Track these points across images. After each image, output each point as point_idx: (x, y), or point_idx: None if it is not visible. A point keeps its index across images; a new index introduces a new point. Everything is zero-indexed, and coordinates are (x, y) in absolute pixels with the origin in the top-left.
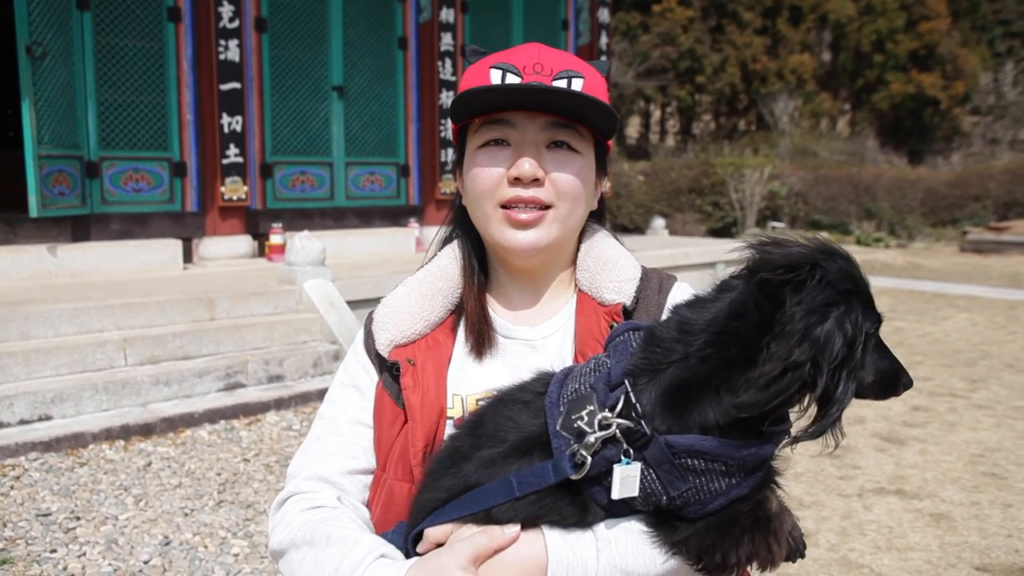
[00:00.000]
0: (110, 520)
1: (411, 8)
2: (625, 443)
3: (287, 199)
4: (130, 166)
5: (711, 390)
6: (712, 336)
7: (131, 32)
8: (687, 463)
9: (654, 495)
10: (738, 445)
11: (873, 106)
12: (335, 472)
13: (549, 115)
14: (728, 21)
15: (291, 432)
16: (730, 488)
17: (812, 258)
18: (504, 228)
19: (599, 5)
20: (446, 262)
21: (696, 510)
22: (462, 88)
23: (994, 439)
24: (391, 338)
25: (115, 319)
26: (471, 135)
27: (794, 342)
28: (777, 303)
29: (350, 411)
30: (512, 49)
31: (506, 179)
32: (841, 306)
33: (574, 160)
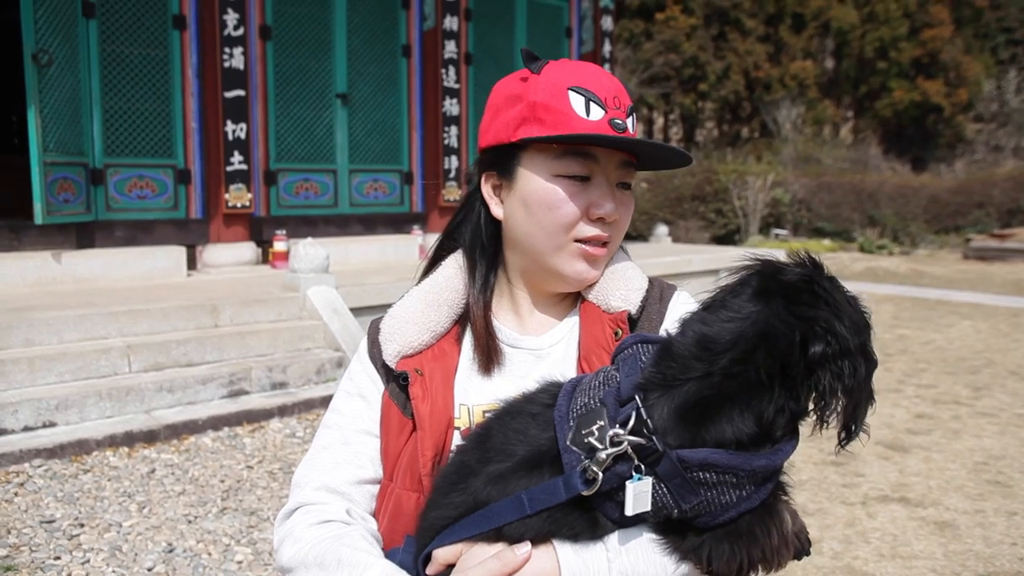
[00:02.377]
0: (114, 527)
1: (415, 16)
2: (637, 459)
3: (291, 206)
4: (135, 173)
5: (733, 408)
6: (741, 353)
7: (136, 40)
8: (699, 476)
9: (665, 508)
10: (750, 456)
11: (876, 113)
12: (343, 482)
13: (624, 154)
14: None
15: (295, 439)
16: (741, 500)
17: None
18: (575, 262)
19: (602, 13)
20: (451, 272)
21: (707, 521)
22: (535, 104)
23: (998, 447)
24: (398, 349)
25: (119, 326)
26: (543, 158)
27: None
28: (806, 321)
29: (357, 421)
30: (578, 68)
31: (586, 216)
32: (863, 315)
33: (631, 200)
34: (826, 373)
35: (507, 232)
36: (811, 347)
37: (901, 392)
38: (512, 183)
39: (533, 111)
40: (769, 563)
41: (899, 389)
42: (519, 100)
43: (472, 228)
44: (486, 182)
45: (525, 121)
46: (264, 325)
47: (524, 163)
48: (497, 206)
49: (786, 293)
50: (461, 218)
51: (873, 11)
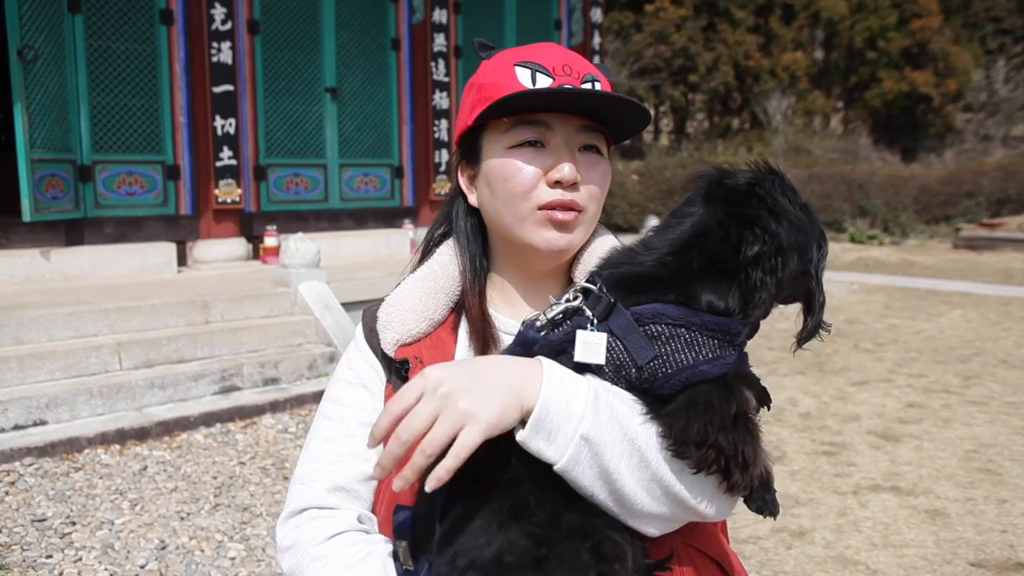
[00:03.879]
0: (106, 525)
1: (404, 9)
2: (589, 312)
3: (281, 201)
4: (123, 169)
5: (665, 288)
6: (672, 248)
7: (123, 35)
8: (652, 330)
9: (624, 368)
10: (700, 313)
11: (866, 103)
12: (351, 479)
13: (582, 118)
14: (720, 19)
15: (287, 435)
16: (697, 363)
17: (770, 182)
18: (542, 230)
19: (592, 5)
20: (446, 259)
21: (664, 384)
22: (483, 84)
23: (988, 435)
24: (397, 337)
25: (109, 323)
26: (497, 134)
27: (791, 254)
28: (745, 223)
29: (361, 412)
30: (530, 47)
31: (544, 181)
32: (813, 220)
33: (600, 163)
34: (757, 270)
35: (484, 218)
36: (747, 247)
37: (892, 382)
38: (479, 168)
39: (482, 92)
40: (733, 460)
41: (890, 379)
42: (472, 87)
43: (456, 221)
44: (462, 174)
45: (477, 103)
46: (255, 321)
47: (484, 145)
48: (473, 195)
49: (728, 196)
50: (446, 212)
51: (862, 1)
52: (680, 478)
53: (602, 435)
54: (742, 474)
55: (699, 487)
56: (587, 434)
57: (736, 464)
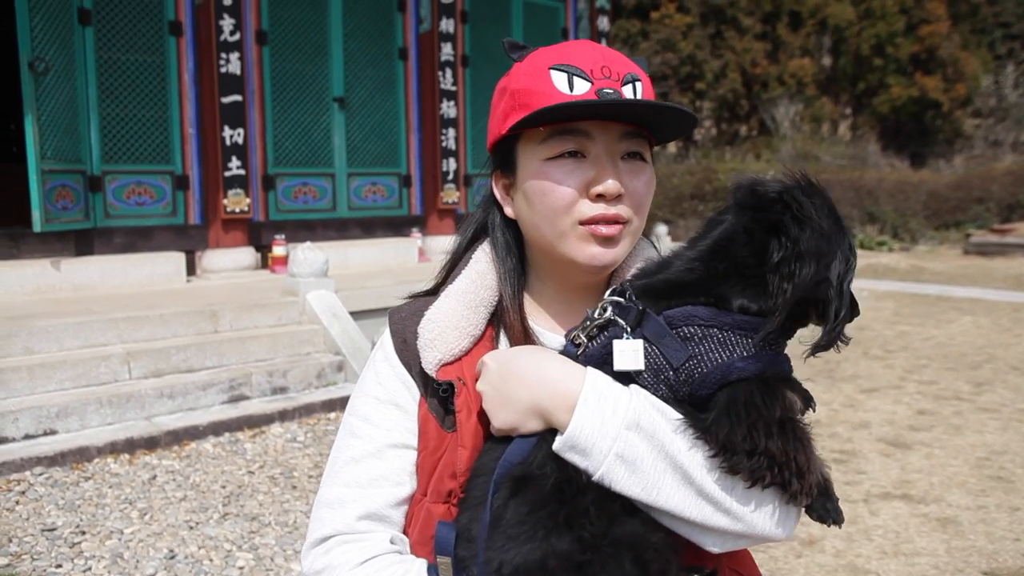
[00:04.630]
0: (115, 534)
1: (411, 18)
2: (622, 322)
3: (289, 211)
4: (133, 180)
5: (694, 292)
6: (700, 254)
7: (133, 47)
8: (685, 332)
9: (662, 371)
10: (733, 313)
11: (874, 110)
12: (383, 504)
13: (625, 124)
14: (727, 27)
15: (295, 444)
16: (732, 361)
17: (800, 191)
18: (585, 245)
19: (598, 13)
20: (483, 267)
21: (701, 383)
22: (517, 90)
23: (1000, 442)
24: (440, 357)
25: (119, 332)
26: (533, 144)
27: (809, 261)
28: (770, 229)
29: (393, 433)
30: (563, 47)
31: (586, 195)
32: (842, 232)
33: (644, 171)
34: (776, 276)
35: (522, 230)
36: (773, 254)
37: (902, 389)
38: (515, 179)
39: (516, 98)
40: (787, 468)
41: (900, 386)
42: (505, 92)
43: (493, 232)
44: (496, 183)
45: (511, 110)
46: (264, 330)
47: (520, 155)
48: (509, 206)
49: (757, 205)
50: (481, 220)
51: (870, 7)
52: (732, 494)
53: (639, 454)
54: (800, 482)
55: (754, 499)
56: (622, 453)
57: (791, 472)
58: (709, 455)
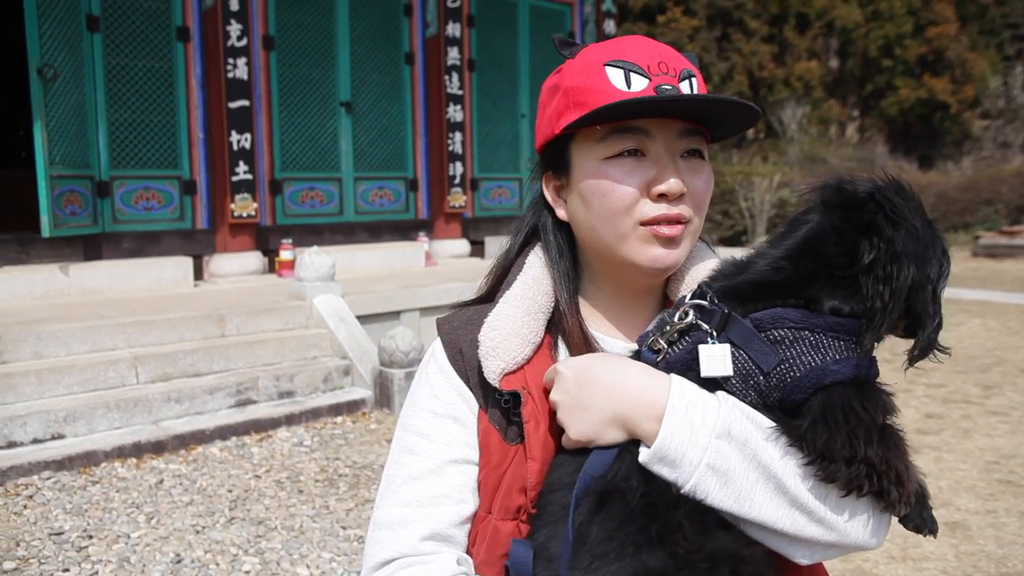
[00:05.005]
0: (122, 538)
1: (417, 23)
2: (705, 325)
3: (297, 215)
4: (141, 185)
5: (782, 293)
6: (787, 252)
7: (141, 52)
8: (774, 335)
9: (751, 376)
10: (824, 315)
11: (882, 112)
12: (447, 524)
13: (684, 121)
14: (734, 29)
15: (302, 448)
16: (825, 364)
17: (892, 191)
18: (647, 247)
19: (605, 17)
20: (538, 272)
21: (794, 388)
22: (571, 88)
23: (1009, 446)
24: (502, 366)
25: (126, 337)
26: (590, 144)
27: (907, 263)
28: (861, 229)
29: (452, 448)
30: (617, 42)
31: (647, 195)
32: (936, 235)
33: (704, 169)
34: (869, 278)
35: (576, 233)
36: (864, 255)
37: (911, 392)
38: (569, 180)
39: (570, 96)
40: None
41: (909, 389)
42: (557, 90)
43: (546, 235)
44: (547, 185)
45: (566, 109)
46: (271, 334)
47: (574, 155)
48: (561, 208)
49: (845, 203)
50: (531, 223)
51: (877, 9)
52: (826, 503)
53: (731, 464)
54: (899, 490)
55: (848, 508)
56: (713, 463)
57: (890, 480)
58: (804, 463)
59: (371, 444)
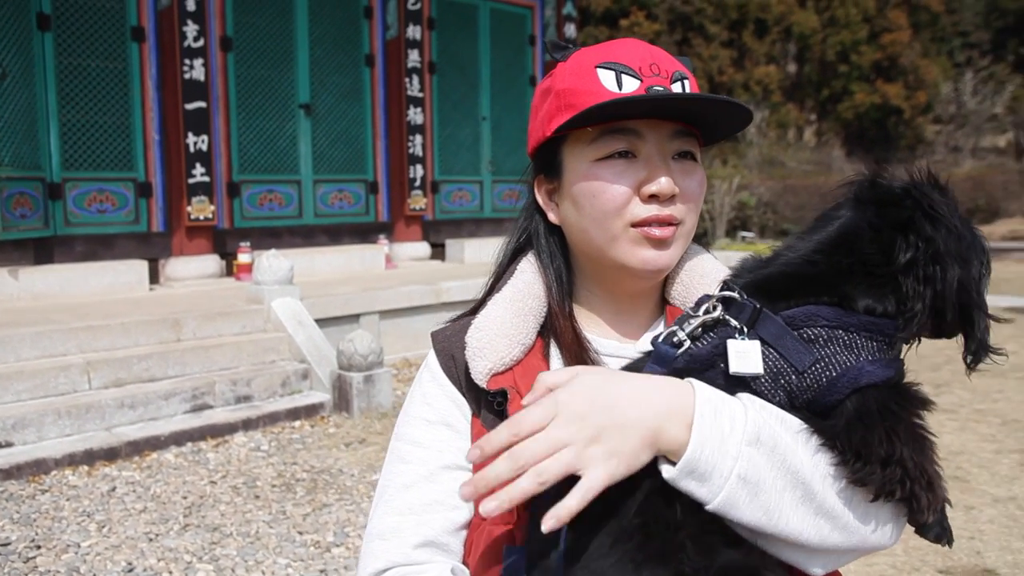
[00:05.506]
0: (72, 548)
1: (378, 25)
2: (734, 321)
3: (255, 218)
4: (94, 187)
5: (816, 288)
6: (820, 246)
7: (94, 52)
8: (808, 333)
9: (782, 375)
10: (858, 314)
11: (839, 116)
12: (441, 531)
13: (676, 122)
14: (694, 34)
15: (259, 453)
16: (861, 364)
17: (929, 188)
18: (638, 248)
19: (565, 20)
20: (530, 277)
21: (830, 389)
22: (563, 90)
23: (957, 443)
24: (490, 366)
25: (78, 342)
26: (581, 146)
27: (951, 263)
28: (898, 226)
29: (445, 454)
30: (609, 45)
31: (638, 196)
32: (975, 232)
33: (696, 171)
34: (909, 278)
35: (568, 236)
36: (901, 253)
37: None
38: (561, 183)
39: (561, 98)
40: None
41: None
42: (549, 92)
43: (538, 239)
44: (539, 188)
45: (557, 112)
46: (228, 338)
47: (566, 157)
48: (553, 212)
49: (880, 200)
50: (523, 227)
51: (833, 16)
52: (851, 507)
53: (761, 472)
54: (928, 497)
55: (872, 514)
56: (744, 474)
57: (921, 486)
58: (835, 463)
59: (329, 448)
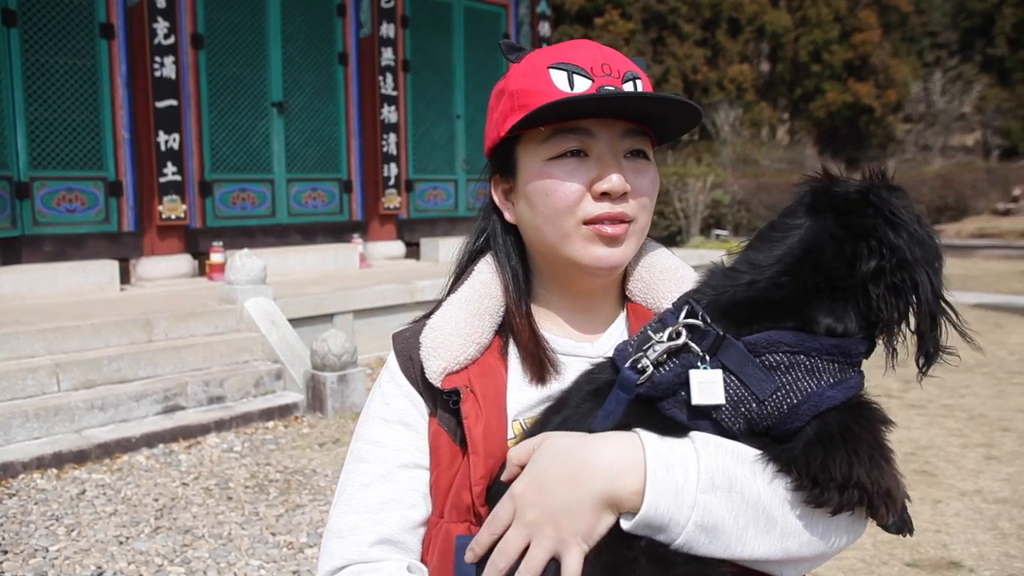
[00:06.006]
0: (40, 552)
1: (351, 23)
2: (697, 348)
3: (228, 217)
4: (63, 186)
5: (782, 313)
6: (786, 266)
7: (62, 49)
8: (770, 360)
9: (742, 403)
10: (818, 336)
11: (811, 114)
12: (397, 529)
13: (627, 122)
14: (669, 33)
15: (232, 454)
16: (822, 390)
17: (885, 190)
18: (590, 246)
19: (539, 19)
20: (487, 277)
21: (791, 416)
22: (516, 91)
23: (925, 437)
24: (444, 365)
25: (47, 343)
26: (534, 145)
27: (919, 270)
28: (861, 235)
29: (402, 453)
30: (562, 46)
31: (590, 194)
32: (932, 234)
33: (649, 169)
34: (880, 287)
35: (523, 235)
36: (864, 261)
37: None
38: (516, 182)
39: (515, 99)
40: (879, 493)
41: None
42: (503, 94)
43: (495, 238)
44: (496, 188)
45: (511, 112)
46: (200, 339)
47: (520, 157)
48: (509, 211)
49: (838, 206)
50: (481, 228)
51: (805, 15)
52: (813, 523)
53: (719, 515)
54: (887, 505)
55: (835, 525)
56: (701, 521)
57: (880, 498)
58: (793, 487)
59: (303, 448)
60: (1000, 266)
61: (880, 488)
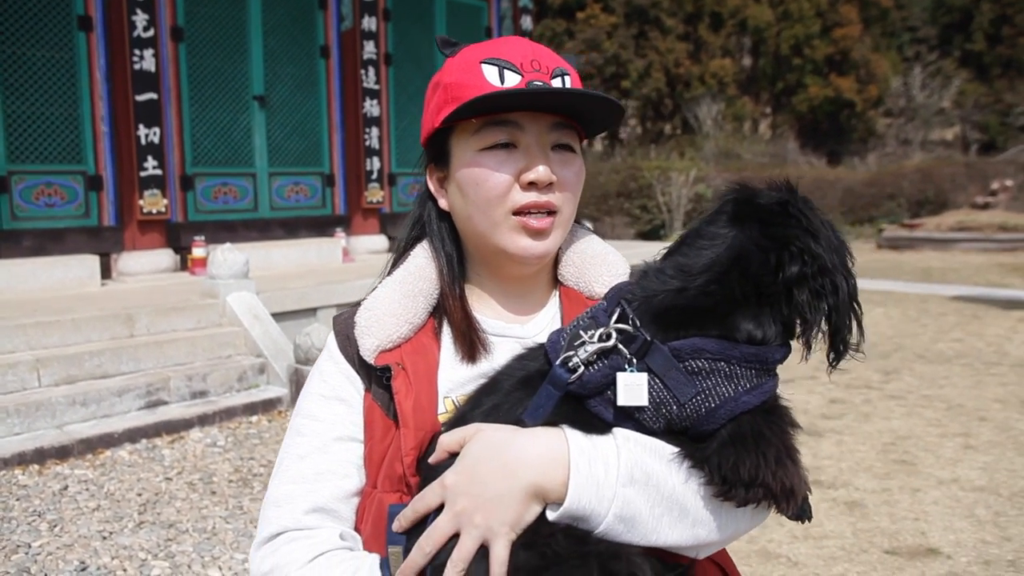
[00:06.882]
0: (22, 548)
1: (332, 16)
2: (626, 351)
3: (209, 211)
4: (42, 180)
5: (708, 321)
6: (715, 275)
7: (39, 42)
8: (692, 365)
9: (664, 405)
10: (738, 344)
11: (793, 109)
12: (330, 497)
13: (554, 116)
14: (651, 27)
15: (215, 449)
16: (739, 395)
17: (802, 201)
18: (517, 236)
19: (522, 12)
20: (422, 261)
21: (708, 419)
22: (449, 84)
23: (905, 428)
24: (377, 343)
25: (27, 339)
26: (466, 136)
27: (839, 275)
28: (783, 244)
29: (337, 426)
30: (496, 42)
31: (517, 184)
32: (843, 240)
33: (574, 161)
34: (804, 291)
35: (456, 222)
36: (787, 268)
37: (816, 379)
38: (449, 171)
39: (448, 92)
40: (783, 489)
41: (815, 376)
42: (438, 86)
43: (430, 224)
44: (431, 177)
45: (444, 104)
46: (182, 333)
47: (453, 147)
48: (443, 199)
49: (761, 216)
50: (417, 215)
51: (787, 10)
52: (721, 513)
53: (636, 507)
54: (788, 501)
55: (742, 512)
56: (620, 512)
57: (782, 494)
58: (704, 482)
59: None
60: (979, 259)
61: (784, 487)
